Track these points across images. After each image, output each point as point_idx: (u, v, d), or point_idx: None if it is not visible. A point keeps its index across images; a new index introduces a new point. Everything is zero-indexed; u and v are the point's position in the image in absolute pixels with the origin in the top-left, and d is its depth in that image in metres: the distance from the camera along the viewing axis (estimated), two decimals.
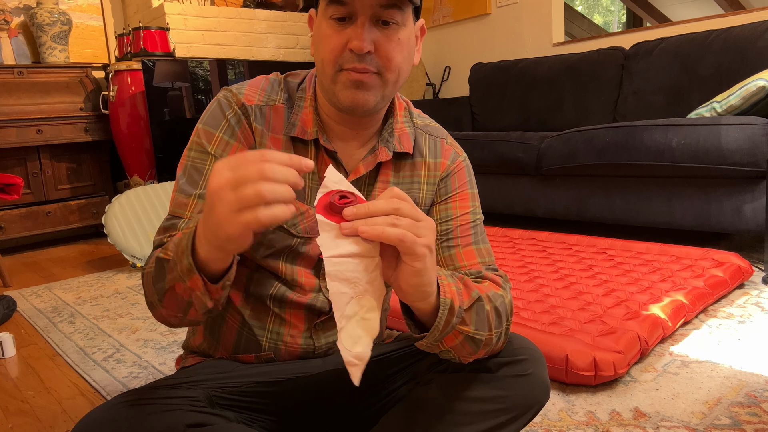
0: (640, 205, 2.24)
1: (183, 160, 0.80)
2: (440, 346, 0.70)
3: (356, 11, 0.69)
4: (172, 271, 0.65)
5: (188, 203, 0.76)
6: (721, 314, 1.57)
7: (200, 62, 3.20)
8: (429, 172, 0.87)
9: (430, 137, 0.89)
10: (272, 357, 0.85)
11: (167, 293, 0.67)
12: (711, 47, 2.61)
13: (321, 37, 0.73)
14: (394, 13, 0.70)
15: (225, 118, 0.79)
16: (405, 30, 0.73)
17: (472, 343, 0.70)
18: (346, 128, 0.81)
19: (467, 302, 0.69)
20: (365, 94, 0.72)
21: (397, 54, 0.72)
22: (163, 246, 0.70)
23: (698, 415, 1.08)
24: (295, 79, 0.84)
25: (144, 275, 0.73)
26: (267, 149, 0.53)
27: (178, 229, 0.75)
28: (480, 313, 0.70)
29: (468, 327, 0.69)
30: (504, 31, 3.84)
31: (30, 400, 1.34)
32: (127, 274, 2.50)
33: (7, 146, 2.92)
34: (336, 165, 0.81)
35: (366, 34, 0.69)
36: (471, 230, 0.86)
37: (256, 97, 0.81)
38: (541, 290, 1.68)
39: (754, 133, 1.89)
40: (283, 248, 0.81)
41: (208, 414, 0.73)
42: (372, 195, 0.84)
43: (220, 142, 0.78)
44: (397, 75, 0.74)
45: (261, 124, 0.80)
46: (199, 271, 0.62)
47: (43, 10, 3.14)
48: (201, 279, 0.62)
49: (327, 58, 0.72)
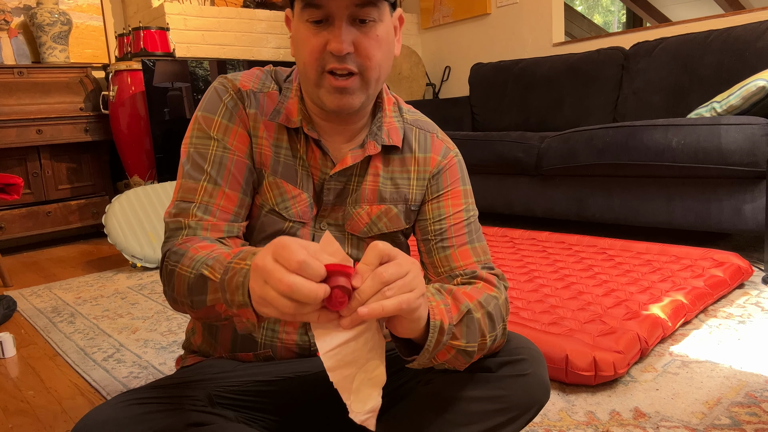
0: (639, 205, 2.24)
1: (185, 147, 0.81)
2: (433, 362, 0.69)
3: (332, 13, 0.69)
4: (216, 292, 0.64)
5: (197, 188, 0.78)
6: (721, 314, 1.58)
7: (200, 62, 3.20)
8: (419, 167, 0.87)
9: (420, 131, 0.89)
10: (270, 355, 0.86)
11: (205, 308, 0.67)
12: (711, 47, 2.61)
13: (299, 40, 0.74)
14: (370, 10, 0.70)
15: (222, 102, 0.80)
16: (383, 25, 0.73)
17: (464, 354, 0.70)
18: (331, 124, 0.82)
19: (456, 317, 0.68)
20: (350, 97, 0.74)
21: (377, 51, 0.73)
22: (204, 260, 0.67)
23: (698, 415, 1.08)
24: (284, 72, 0.86)
25: (174, 274, 0.70)
26: (306, 243, 0.54)
27: (191, 214, 0.76)
28: (470, 325, 0.70)
29: (459, 341, 0.69)
30: (504, 31, 3.84)
31: (30, 400, 1.35)
32: (127, 274, 2.50)
33: (7, 146, 2.92)
34: (322, 153, 0.82)
35: (344, 36, 0.69)
36: (465, 229, 0.85)
37: (250, 83, 0.83)
38: (541, 290, 1.68)
39: (754, 133, 1.89)
40: (276, 232, 0.82)
41: (209, 413, 0.73)
42: (362, 187, 0.84)
43: (219, 125, 0.80)
44: (378, 72, 0.75)
45: (255, 108, 0.81)
46: None
47: (43, 10, 3.14)
48: (254, 313, 0.60)
49: (308, 62, 0.73)
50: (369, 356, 0.59)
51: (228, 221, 0.78)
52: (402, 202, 0.86)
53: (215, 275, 0.64)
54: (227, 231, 0.78)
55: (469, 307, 0.71)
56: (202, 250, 0.69)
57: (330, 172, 0.82)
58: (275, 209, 0.81)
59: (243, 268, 0.60)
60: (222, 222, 0.77)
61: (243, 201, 0.80)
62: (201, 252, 0.69)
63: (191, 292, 0.68)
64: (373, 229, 0.86)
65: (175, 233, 0.76)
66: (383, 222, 0.86)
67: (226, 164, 0.79)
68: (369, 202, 0.85)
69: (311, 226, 0.84)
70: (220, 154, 0.79)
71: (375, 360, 0.59)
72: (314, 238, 0.84)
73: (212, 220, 0.77)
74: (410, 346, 0.69)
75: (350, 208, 0.84)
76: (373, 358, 0.59)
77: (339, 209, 0.85)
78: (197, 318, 0.72)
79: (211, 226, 0.76)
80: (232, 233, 0.78)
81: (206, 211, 0.77)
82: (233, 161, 0.79)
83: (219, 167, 0.78)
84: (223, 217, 0.78)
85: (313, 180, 0.83)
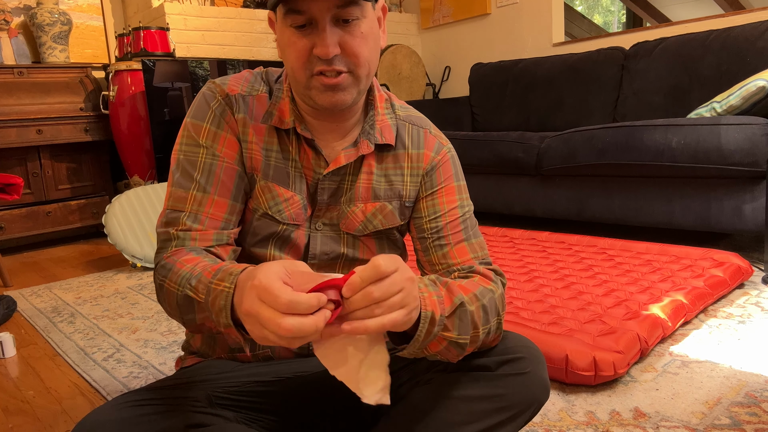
0: (639, 205, 2.24)
1: (174, 154, 0.81)
2: (425, 351, 0.70)
3: (315, 17, 0.70)
4: (203, 312, 0.65)
5: (186, 197, 0.78)
6: (721, 314, 1.57)
7: (200, 62, 3.20)
8: (412, 164, 0.87)
9: (413, 127, 0.89)
10: (269, 355, 0.86)
11: (197, 324, 0.69)
12: (711, 47, 2.61)
13: (286, 45, 0.74)
14: (352, 10, 0.71)
15: (210, 108, 0.80)
16: (366, 21, 0.73)
17: (456, 347, 0.71)
18: (324, 122, 0.82)
19: (449, 309, 0.69)
20: (342, 94, 0.74)
21: (363, 48, 0.73)
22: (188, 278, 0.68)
23: (698, 415, 1.08)
24: (275, 73, 0.86)
25: (163, 289, 0.72)
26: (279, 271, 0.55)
27: (180, 223, 0.77)
28: (463, 318, 0.70)
29: (451, 333, 0.69)
30: (504, 31, 3.84)
31: (30, 400, 1.35)
32: (127, 274, 2.50)
33: (7, 146, 2.92)
34: (315, 153, 0.82)
35: (329, 38, 0.70)
36: (461, 225, 0.85)
37: (239, 87, 0.82)
38: (541, 290, 1.68)
39: (753, 133, 1.89)
40: (270, 235, 0.82)
41: (208, 414, 0.73)
42: (356, 186, 0.84)
43: (208, 132, 0.80)
44: (368, 67, 0.75)
45: (244, 112, 0.81)
46: (237, 325, 0.62)
47: (43, 10, 3.14)
48: (240, 333, 0.62)
49: (296, 66, 0.73)
50: (369, 347, 0.60)
51: (217, 229, 0.78)
52: (396, 199, 0.86)
53: (199, 296, 0.65)
54: (216, 239, 0.78)
55: (463, 299, 0.71)
56: (187, 264, 0.70)
57: (323, 171, 0.82)
58: (268, 213, 0.81)
59: (223, 291, 0.61)
60: (211, 230, 0.78)
61: (233, 208, 0.80)
62: (185, 266, 0.70)
63: (181, 311, 0.70)
64: (368, 226, 0.86)
65: (165, 244, 0.77)
66: (378, 219, 0.86)
67: (216, 171, 0.79)
68: (363, 200, 0.85)
69: (306, 227, 0.84)
70: (209, 161, 0.79)
71: (376, 346, 0.60)
72: (309, 239, 0.84)
73: (201, 229, 0.77)
74: (402, 335, 0.69)
75: (345, 207, 0.84)
76: (374, 344, 0.60)
77: (334, 209, 0.85)
78: (192, 332, 0.73)
79: (199, 235, 0.77)
80: (222, 241, 0.78)
81: (195, 220, 0.77)
82: (222, 168, 0.79)
83: (208, 175, 0.78)
84: (212, 225, 0.78)
85: (306, 181, 0.83)
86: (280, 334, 0.52)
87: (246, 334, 0.63)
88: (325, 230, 0.84)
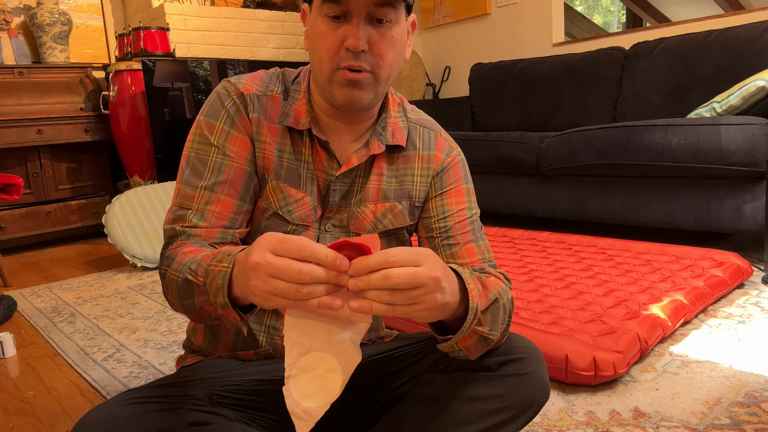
0: (639, 205, 2.24)
1: (186, 151, 0.81)
2: (455, 345, 0.71)
3: (351, 10, 0.71)
4: (202, 295, 0.66)
5: (194, 195, 0.78)
6: (721, 314, 1.58)
7: (200, 62, 3.20)
8: (422, 165, 0.88)
9: (424, 129, 0.90)
10: (271, 353, 0.86)
11: (196, 309, 0.69)
12: (711, 47, 2.61)
13: (316, 34, 0.74)
14: (387, 11, 0.71)
15: (224, 108, 0.81)
16: (398, 27, 0.74)
17: (484, 342, 0.72)
18: (339, 122, 0.82)
19: (484, 303, 0.70)
20: (360, 92, 0.74)
21: (390, 51, 0.74)
22: (188, 264, 0.69)
23: (698, 415, 1.08)
24: (291, 74, 0.87)
25: (166, 278, 0.73)
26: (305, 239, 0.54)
27: (187, 221, 0.77)
28: (495, 314, 0.72)
29: (483, 328, 0.70)
30: (504, 31, 3.84)
31: (30, 400, 1.35)
32: (127, 274, 2.50)
33: (7, 146, 2.92)
34: (328, 155, 0.82)
35: (361, 33, 0.71)
36: (469, 226, 0.87)
37: (254, 87, 0.83)
38: (541, 290, 1.68)
39: (753, 133, 1.89)
40: None
41: (209, 413, 0.73)
42: (366, 187, 0.85)
43: (221, 132, 0.80)
44: (389, 72, 0.76)
45: (258, 112, 0.81)
46: (234, 305, 0.63)
47: (43, 10, 3.14)
48: (236, 313, 0.63)
49: (324, 57, 0.74)
50: (327, 346, 0.58)
51: (222, 228, 0.79)
52: (406, 199, 0.87)
53: (198, 279, 0.66)
54: (221, 237, 0.78)
55: (496, 296, 0.72)
56: (189, 254, 0.71)
57: (335, 173, 0.82)
58: (278, 213, 0.82)
59: (221, 271, 0.62)
60: (216, 229, 0.78)
61: (240, 208, 0.81)
62: (188, 256, 0.70)
63: (181, 296, 0.70)
64: (378, 226, 0.86)
65: (171, 240, 0.78)
66: (388, 219, 0.86)
67: (225, 171, 0.79)
68: (374, 201, 0.86)
69: (315, 228, 0.84)
70: (219, 161, 0.79)
71: (332, 358, 0.58)
72: (318, 239, 0.84)
73: (206, 227, 0.77)
74: (437, 328, 0.71)
75: (355, 208, 0.85)
76: (333, 352, 0.58)
77: (344, 210, 0.85)
78: (192, 319, 0.74)
79: (204, 233, 0.77)
80: (226, 240, 0.79)
81: (201, 218, 0.78)
82: (232, 168, 0.80)
83: (218, 174, 0.79)
84: (217, 223, 0.78)
85: (317, 182, 0.83)
86: (300, 278, 0.52)
87: (243, 315, 0.63)
88: (334, 231, 0.85)
